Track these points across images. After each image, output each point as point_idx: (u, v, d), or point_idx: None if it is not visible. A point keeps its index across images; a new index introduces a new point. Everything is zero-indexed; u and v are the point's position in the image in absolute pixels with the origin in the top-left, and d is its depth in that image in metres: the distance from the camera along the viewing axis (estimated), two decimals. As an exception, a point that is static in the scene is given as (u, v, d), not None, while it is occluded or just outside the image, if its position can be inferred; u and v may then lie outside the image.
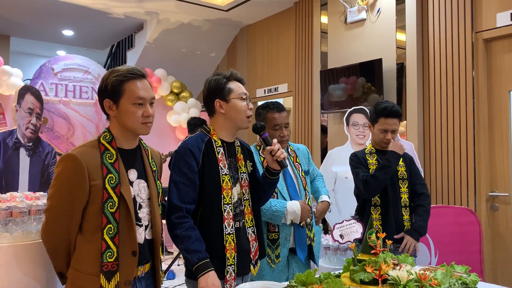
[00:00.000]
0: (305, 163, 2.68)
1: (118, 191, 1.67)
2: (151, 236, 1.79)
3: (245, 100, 2.07)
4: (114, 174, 1.68)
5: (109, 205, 1.65)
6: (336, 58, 5.01)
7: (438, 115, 4.12)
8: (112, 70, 1.75)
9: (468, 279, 1.73)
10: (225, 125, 2.08)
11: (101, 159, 1.67)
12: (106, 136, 1.74)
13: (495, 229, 3.83)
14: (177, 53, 7.01)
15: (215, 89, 2.06)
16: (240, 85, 2.10)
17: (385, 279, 1.61)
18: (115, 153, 1.71)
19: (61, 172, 1.64)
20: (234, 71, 2.13)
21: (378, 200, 2.74)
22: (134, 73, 1.73)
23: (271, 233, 2.42)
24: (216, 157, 2.02)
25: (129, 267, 1.68)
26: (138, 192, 1.77)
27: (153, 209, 1.80)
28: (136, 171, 1.78)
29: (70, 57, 5.93)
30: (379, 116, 2.76)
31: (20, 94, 4.49)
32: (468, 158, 3.88)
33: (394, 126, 2.74)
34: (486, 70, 3.91)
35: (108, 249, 1.63)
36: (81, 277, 1.65)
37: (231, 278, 1.98)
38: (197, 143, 2.02)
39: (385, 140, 2.76)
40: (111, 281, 1.63)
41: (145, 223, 1.77)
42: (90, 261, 1.64)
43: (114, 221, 1.65)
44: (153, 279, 1.84)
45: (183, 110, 6.58)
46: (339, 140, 4.79)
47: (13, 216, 1.93)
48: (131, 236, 1.69)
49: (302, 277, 1.68)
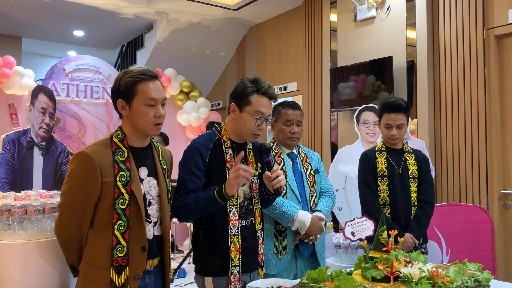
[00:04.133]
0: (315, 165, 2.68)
1: (129, 188, 1.71)
2: (160, 232, 1.83)
3: (258, 120, 2.02)
4: (126, 171, 1.72)
5: (120, 201, 1.69)
6: (345, 56, 5.00)
7: (450, 113, 4.09)
8: (126, 71, 1.78)
9: (481, 276, 1.72)
10: (235, 129, 2.09)
11: (113, 157, 1.72)
12: (119, 135, 1.78)
13: (508, 227, 3.80)
14: (186, 53, 7.04)
15: (239, 93, 2.04)
16: (263, 103, 2.02)
17: (397, 277, 1.61)
18: (126, 151, 1.75)
19: (74, 169, 1.70)
20: (271, 87, 2.07)
21: (387, 199, 2.73)
22: (146, 74, 1.75)
23: (278, 224, 2.44)
24: (224, 158, 2.03)
25: (138, 262, 1.72)
26: (148, 190, 1.80)
27: (163, 206, 1.84)
28: (146, 169, 1.81)
29: (81, 58, 5.98)
30: (383, 112, 2.75)
31: (34, 94, 4.55)
32: (480, 156, 3.85)
33: (398, 121, 2.70)
34: (498, 67, 3.88)
35: (118, 245, 1.68)
36: (93, 270, 1.70)
37: (235, 279, 1.99)
38: (205, 142, 2.04)
39: (390, 135, 2.73)
40: (121, 275, 1.68)
41: (154, 220, 1.81)
42: (101, 256, 1.69)
43: (125, 217, 1.70)
44: (162, 273, 1.88)
45: (193, 110, 6.60)
46: (349, 138, 4.78)
47: (28, 214, 1.96)
48: (141, 232, 1.73)
49: (314, 274, 1.68)
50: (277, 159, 2.51)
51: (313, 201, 2.55)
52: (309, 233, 2.41)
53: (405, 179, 2.75)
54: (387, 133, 2.74)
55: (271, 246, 2.43)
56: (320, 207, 2.56)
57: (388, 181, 2.75)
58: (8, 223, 1.97)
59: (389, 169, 2.76)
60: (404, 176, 2.75)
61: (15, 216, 1.95)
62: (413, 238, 2.64)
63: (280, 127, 2.55)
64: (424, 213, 2.72)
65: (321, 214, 2.50)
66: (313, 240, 2.46)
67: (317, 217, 2.45)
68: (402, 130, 2.74)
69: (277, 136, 2.59)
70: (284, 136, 2.54)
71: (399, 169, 2.77)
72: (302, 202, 2.50)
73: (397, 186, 2.73)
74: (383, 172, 2.76)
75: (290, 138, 2.53)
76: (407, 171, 2.76)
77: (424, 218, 2.71)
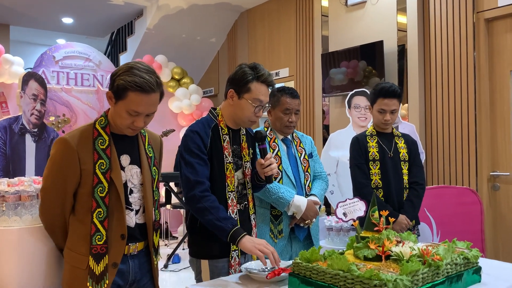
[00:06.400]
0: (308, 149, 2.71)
1: (108, 176, 1.70)
2: (143, 220, 1.82)
3: (257, 107, 2.01)
4: (105, 160, 1.71)
5: (99, 189, 1.69)
6: (337, 42, 5.00)
7: (440, 96, 4.13)
8: (129, 68, 1.68)
9: (469, 254, 1.76)
10: (231, 115, 2.07)
11: (93, 145, 1.71)
12: (102, 121, 1.76)
13: (497, 208, 3.87)
14: (177, 39, 6.99)
15: (238, 79, 2.02)
16: (262, 91, 2.01)
17: (388, 255, 1.65)
18: (108, 139, 1.74)
19: (54, 154, 1.71)
20: (270, 74, 2.05)
21: (380, 182, 2.76)
22: (141, 87, 1.65)
23: (274, 209, 2.47)
24: (222, 145, 2.04)
25: (117, 250, 1.72)
26: (130, 178, 1.78)
27: (146, 194, 1.81)
28: (129, 157, 1.80)
29: (71, 45, 5.93)
30: (377, 97, 2.76)
31: (24, 80, 4.52)
32: (470, 139, 3.90)
33: (392, 107, 2.72)
34: (487, 50, 3.91)
35: (97, 232, 1.68)
36: (74, 256, 1.72)
37: (235, 263, 2.02)
38: (204, 129, 2.02)
39: (384, 121, 2.75)
40: (100, 263, 1.68)
41: (136, 208, 1.80)
42: (80, 242, 1.70)
43: (104, 205, 1.69)
44: (148, 257, 1.86)
45: (184, 97, 6.59)
46: (340, 123, 4.81)
47: (22, 200, 1.97)
48: (121, 220, 1.73)
49: (307, 254, 1.71)
50: (271, 144, 2.53)
51: (307, 185, 2.58)
52: (304, 217, 2.45)
53: (396, 162, 2.78)
54: (381, 118, 2.76)
55: (267, 230, 2.46)
56: (315, 191, 2.59)
57: (380, 165, 2.78)
58: (2, 209, 1.97)
59: (381, 152, 2.79)
60: (395, 159, 2.78)
61: (9, 202, 1.95)
62: (407, 220, 2.68)
63: (278, 114, 2.53)
64: (416, 194, 2.76)
65: (316, 198, 2.53)
66: (309, 224, 2.49)
67: (312, 202, 2.49)
68: (395, 115, 2.77)
69: (274, 123, 2.58)
70: (281, 124, 2.54)
71: (390, 153, 2.80)
72: (297, 186, 2.52)
73: (389, 169, 2.77)
74: (374, 155, 2.79)
75: (287, 127, 2.54)
76: (398, 154, 2.79)
77: (416, 199, 2.76)
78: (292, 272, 1.70)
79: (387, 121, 2.75)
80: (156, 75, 1.73)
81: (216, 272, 2.00)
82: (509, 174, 3.78)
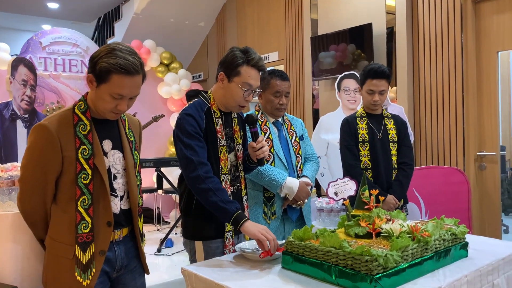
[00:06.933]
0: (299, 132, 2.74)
1: (91, 162, 1.65)
2: (128, 206, 1.79)
3: (246, 91, 2.01)
4: (87, 145, 1.66)
5: (83, 176, 1.64)
6: (326, 25, 5.00)
7: (428, 78, 4.17)
8: (111, 50, 1.62)
9: (457, 230, 1.82)
10: (222, 98, 2.08)
11: (74, 130, 1.65)
12: (81, 106, 1.70)
13: (483, 187, 3.95)
14: (165, 24, 6.92)
15: (228, 62, 2.02)
16: (252, 75, 2.01)
17: (378, 233, 1.70)
18: (88, 124, 1.68)
19: (33, 142, 1.63)
20: (261, 58, 2.05)
21: (369, 163, 2.81)
22: (126, 69, 1.60)
23: (267, 191, 2.51)
24: (215, 128, 2.05)
25: (103, 237, 1.69)
26: (113, 163, 1.75)
27: (129, 180, 1.79)
28: (111, 142, 1.76)
29: (58, 30, 5.84)
30: (366, 78, 2.79)
31: (13, 65, 4.46)
32: (457, 120, 3.96)
33: (381, 87, 2.76)
34: (474, 31, 3.94)
35: (82, 221, 1.64)
36: (57, 246, 1.68)
37: (229, 243, 2.06)
38: (198, 112, 2.02)
39: (373, 101, 2.79)
40: (86, 251, 1.64)
41: (120, 194, 1.76)
42: (65, 232, 1.65)
43: (88, 193, 1.65)
44: (134, 242, 1.85)
45: (174, 82, 6.54)
46: (330, 106, 4.83)
47: (15, 185, 1.97)
48: (106, 207, 1.69)
49: (300, 233, 1.76)
50: (263, 127, 2.55)
51: (299, 167, 2.62)
52: (297, 199, 2.49)
53: (385, 143, 2.82)
54: (370, 99, 2.79)
55: (260, 212, 2.50)
56: (306, 172, 2.62)
57: (369, 146, 2.82)
58: (-4, 194, 1.98)
59: (370, 134, 2.83)
60: (384, 140, 2.82)
61: (3, 187, 1.95)
62: (395, 199, 2.74)
63: (268, 97, 2.55)
64: (405, 174, 2.81)
65: (308, 180, 2.58)
66: (301, 205, 2.54)
67: (304, 183, 2.53)
68: (384, 96, 2.80)
69: (264, 106, 2.60)
70: (272, 107, 2.56)
71: (380, 134, 2.84)
72: (289, 168, 2.56)
73: (378, 150, 2.81)
74: (364, 137, 2.83)
75: (278, 109, 2.57)
76: (387, 135, 2.84)
77: (404, 179, 2.81)
78: (286, 250, 1.75)
79: (376, 102, 2.78)
80: (138, 56, 1.68)
81: (210, 253, 2.04)
82: (495, 154, 3.85)
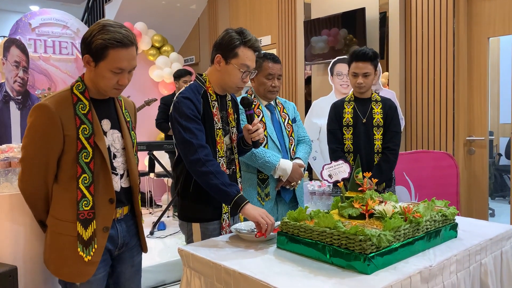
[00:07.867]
0: (292, 115, 2.76)
1: (92, 141, 1.69)
2: (128, 184, 1.83)
3: (244, 73, 2.02)
4: (88, 125, 1.69)
5: (84, 155, 1.67)
6: (319, 9, 4.99)
7: (420, 64, 4.20)
8: (102, 27, 1.65)
9: (447, 211, 1.87)
10: (218, 81, 2.08)
11: (74, 110, 1.67)
12: (79, 86, 1.72)
13: (471, 171, 4.03)
14: (156, 6, 6.85)
15: (225, 44, 2.01)
16: (249, 56, 2.02)
17: (371, 214, 1.74)
18: (88, 103, 1.71)
19: (34, 121, 1.65)
20: (257, 40, 2.05)
21: (351, 147, 2.86)
22: (122, 42, 1.64)
23: (261, 173, 2.54)
24: (212, 111, 2.06)
25: (106, 214, 1.73)
26: (112, 142, 1.78)
27: (129, 158, 1.82)
28: (109, 121, 1.79)
29: (47, 12, 5.75)
30: (351, 61, 2.84)
31: (5, 47, 4.40)
32: (448, 105, 4.01)
33: (364, 70, 2.77)
34: (466, 17, 3.97)
35: (83, 198, 1.68)
36: (60, 224, 1.71)
37: (226, 225, 2.09)
38: (195, 96, 2.02)
39: (357, 84, 2.81)
40: (88, 228, 1.69)
41: (120, 172, 1.80)
42: (67, 209, 1.69)
43: (89, 171, 1.68)
44: (134, 221, 1.90)
45: (165, 65, 6.51)
46: (323, 91, 4.86)
47: (12, 166, 1.98)
48: (108, 185, 1.73)
49: (294, 214, 1.79)
50: (256, 110, 2.57)
51: (292, 149, 2.65)
52: (290, 180, 2.52)
53: (369, 128, 2.85)
54: (354, 82, 2.83)
55: (254, 194, 2.53)
56: (299, 154, 2.66)
57: (353, 130, 2.86)
58: (-8, 176, 1.98)
59: (355, 118, 2.87)
60: (368, 125, 2.85)
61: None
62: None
63: (261, 80, 2.56)
64: (386, 159, 2.81)
65: (301, 161, 2.61)
66: (294, 186, 2.58)
67: (297, 164, 2.56)
68: (368, 78, 2.80)
69: (257, 89, 2.61)
70: (265, 89, 2.57)
71: (364, 118, 2.87)
72: (282, 151, 2.59)
73: (361, 135, 2.84)
74: (348, 121, 2.87)
75: (271, 92, 2.58)
76: (372, 120, 2.85)
77: (384, 164, 2.81)
78: (281, 231, 1.78)
79: (360, 84, 2.80)
80: (128, 29, 1.71)
81: (207, 234, 2.07)
82: (484, 138, 3.92)
